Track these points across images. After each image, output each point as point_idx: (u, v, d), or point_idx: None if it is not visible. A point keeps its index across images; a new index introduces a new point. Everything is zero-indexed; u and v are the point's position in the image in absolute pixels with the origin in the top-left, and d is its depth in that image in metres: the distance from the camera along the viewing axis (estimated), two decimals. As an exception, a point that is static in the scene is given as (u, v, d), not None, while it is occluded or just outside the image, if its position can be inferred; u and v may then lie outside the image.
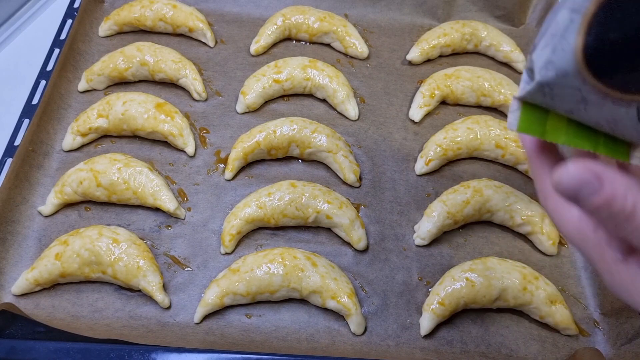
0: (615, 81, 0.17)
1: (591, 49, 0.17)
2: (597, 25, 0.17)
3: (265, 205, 0.39)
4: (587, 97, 0.18)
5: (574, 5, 0.17)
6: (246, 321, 0.36)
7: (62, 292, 0.37)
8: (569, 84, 0.18)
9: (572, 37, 0.17)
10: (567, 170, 0.17)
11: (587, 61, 0.17)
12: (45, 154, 0.43)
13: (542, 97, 0.18)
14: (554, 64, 0.18)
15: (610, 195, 0.16)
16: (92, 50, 0.50)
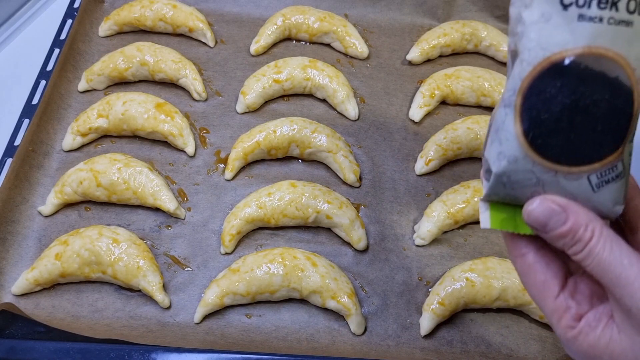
0: (559, 156, 0.19)
1: (530, 131, 0.19)
2: (528, 111, 0.19)
3: (265, 205, 0.39)
4: (541, 178, 0.20)
5: (505, 102, 0.20)
6: (246, 321, 0.36)
7: (62, 292, 0.37)
8: (521, 168, 0.20)
9: (512, 126, 0.19)
10: (537, 203, 0.19)
11: (530, 142, 0.19)
12: (45, 154, 0.43)
13: (503, 189, 0.20)
14: (504, 153, 0.20)
15: (574, 224, 0.19)
16: (92, 50, 0.50)
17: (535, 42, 0.18)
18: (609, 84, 0.18)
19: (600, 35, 0.18)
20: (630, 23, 0.18)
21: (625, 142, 0.19)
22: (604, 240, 0.19)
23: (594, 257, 0.19)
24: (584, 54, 0.18)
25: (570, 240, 0.19)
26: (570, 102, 0.18)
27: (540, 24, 0.18)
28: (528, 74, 0.19)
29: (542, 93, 0.19)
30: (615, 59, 0.18)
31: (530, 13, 0.19)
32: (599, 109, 0.18)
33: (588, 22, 0.18)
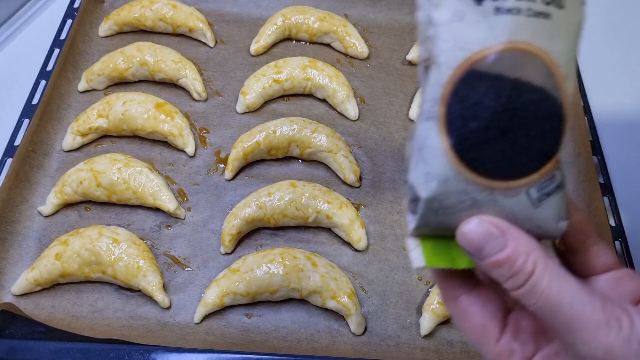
0: (494, 170, 0.17)
1: (459, 144, 0.16)
2: (454, 121, 0.16)
3: (265, 205, 0.39)
4: (477, 199, 0.17)
5: (426, 114, 0.17)
6: (246, 321, 0.36)
7: (62, 292, 0.37)
8: (453, 189, 0.17)
9: (437, 140, 0.17)
10: (474, 223, 0.17)
11: (460, 157, 0.16)
12: (45, 154, 0.43)
13: (435, 217, 0.17)
14: (432, 173, 0.17)
15: (513, 252, 0.16)
16: (92, 50, 0.50)
17: (451, 42, 0.16)
18: (537, 83, 0.16)
19: (521, 28, 0.16)
20: (548, 15, 0.16)
21: (560, 148, 0.17)
22: (549, 276, 0.16)
23: (539, 295, 0.16)
24: (507, 50, 0.16)
25: (507, 270, 0.16)
26: (499, 106, 0.16)
27: (454, 23, 0.16)
28: (449, 79, 0.16)
29: (467, 99, 0.16)
30: (539, 55, 0.16)
31: (442, 13, 0.16)
32: (529, 111, 0.16)
33: (506, 15, 0.16)
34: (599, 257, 0.19)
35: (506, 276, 0.16)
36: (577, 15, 0.17)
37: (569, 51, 0.17)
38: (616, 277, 0.19)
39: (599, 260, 0.19)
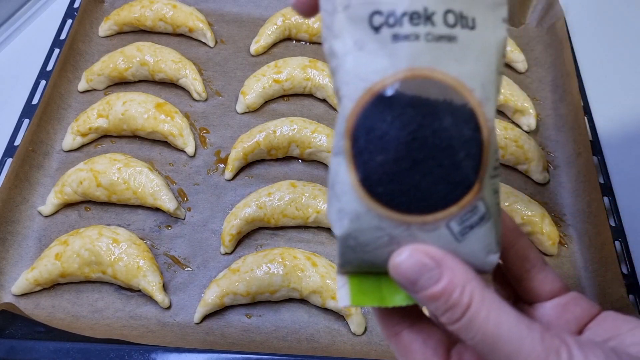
0: (407, 204, 0.15)
1: (367, 179, 0.15)
2: (360, 155, 0.15)
3: (265, 205, 0.39)
4: (393, 235, 0.16)
5: (335, 149, 0.16)
6: (246, 321, 0.36)
7: (62, 292, 0.37)
8: (367, 226, 0.16)
9: (346, 176, 0.16)
10: (406, 254, 0.15)
11: (369, 192, 0.15)
12: (45, 154, 0.43)
13: (354, 254, 0.16)
14: (344, 210, 0.16)
15: (448, 284, 0.15)
16: (92, 50, 0.50)
17: (352, 73, 0.15)
18: (446, 110, 0.15)
19: (421, 54, 0.15)
20: (453, 38, 0.15)
21: (481, 175, 0.16)
22: (487, 309, 0.15)
23: (476, 329, 0.15)
24: (408, 78, 0.15)
25: (443, 304, 0.15)
26: (406, 137, 0.15)
27: (355, 53, 0.15)
28: (351, 112, 0.15)
29: (372, 131, 0.15)
30: (446, 80, 0.15)
31: (342, 43, 0.16)
32: (440, 140, 0.15)
33: (404, 42, 0.15)
34: (545, 285, 0.18)
35: (442, 310, 0.15)
36: (495, 34, 0.16)
37: (485, 73, 0.16)
38: (562, 302, 0.18)
39: (545, 287, 0.18)
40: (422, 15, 0.15)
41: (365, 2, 0.15)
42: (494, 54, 0.16)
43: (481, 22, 0.16)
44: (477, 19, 0.16)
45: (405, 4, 0.15)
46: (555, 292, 0.19)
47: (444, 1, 0.15)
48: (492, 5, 0.16)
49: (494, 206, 0.16)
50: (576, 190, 0.44)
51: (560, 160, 0.46)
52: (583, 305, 0.18)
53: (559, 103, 0.49)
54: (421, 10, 0.15)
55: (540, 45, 0.54)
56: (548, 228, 0.41)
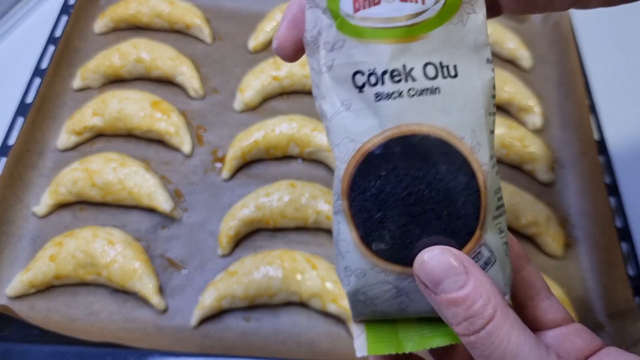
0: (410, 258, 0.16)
1: (368, 237, 0.16)
2: (358, 214, 0.16)
3: (264, 206, 0.38)
4: (400, 287, 0.16)
5: (335, 208, 0.17)
6: (244, 325, 0.36)
7: (57, 294, 0.36)
8: (373, 281, 0.16)
9: (348, 234, 0.16)
10: (436, 252, 0.15)
11: (372, 250, 0.16)
12: (40, 153, 0.42)
13: (365, 307, 0.17)
14: (350, 268, 0.16)
15: (473, 292, 0.15)
16: (87, 47, 0.49)
17: (342, 135, 0.16)
18: (438, 161, 0.15)
19: (407, 111, 0.15)
20: (435, 90, 0.15)
21: (481, 221, 0.16)
22: (510, 325, 0.14)
23: (496, 346, 0.14)
24: (396, 135, 0.15)
25: (463, 310, 0.14)
26: (402, 193, 0.15)
27: (343, 113, 0.16)
28: (345, 173, 0.16)
29: (367, 190, 0.16)
30: (434, 132, 0.15)
31: (330, 104, 0.16)
32: (437, 192, 0.15)
33: (387, 100, 0.15)
34: (549, 313, 0.18)
35: (461, 317, 0.15)
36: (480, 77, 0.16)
37: (473, 118, 0.16)
38: (564, 333, 0.18)
39: (548, 316, 0.18)
40: (402, 72, 0.15)
41: (347, 63, 0.16)
42: (480, 97, 0.16)
43: (463, 68, 0.16)
44: (459, 66, 0.16)
45: (384, 63, 0.15)
46: (558, 322, 0.18)
47: (422, 55, 0.15)
48: (474, 48, 0.16)
49: (499, 247, 0.16)
50: (582, 191, 0.43)
51: (565, 160, 0.45)
52: (585, 337, 0.18)
53: (565, 101, 0.48)
54: (400, 68, 0.15)
55: (546, 42, 0.53)
56: (554, 229, 0.40)
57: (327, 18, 0.16)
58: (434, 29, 0.15)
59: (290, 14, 0.18)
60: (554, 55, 0.51)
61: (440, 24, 0.15)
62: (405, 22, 0.15)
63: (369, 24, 0.15)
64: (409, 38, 0.15)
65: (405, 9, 0.15)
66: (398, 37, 0.15)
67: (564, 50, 0.50)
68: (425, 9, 0.15)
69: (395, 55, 0.15)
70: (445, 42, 0.15)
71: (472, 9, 0.16)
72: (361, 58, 0.15)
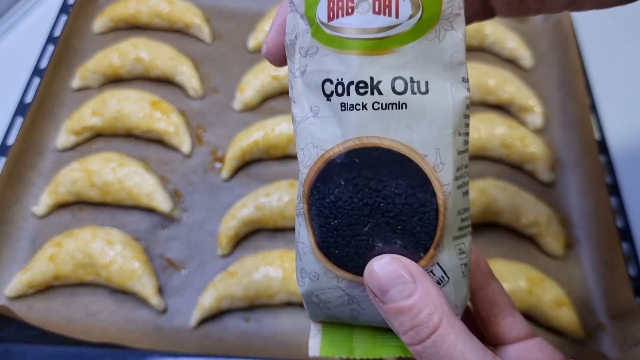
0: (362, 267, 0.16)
1: (323, 242, 0.16)
2: (316, 219, 0.16)
3: (264, 206, 0.38)
4: (352, 295, 0.16)
5: (297, 210, 0.17)
6: (244, 325, 0.35)
7: (56, 294, 0.36)
8: (326, 285, 0.16)
9: (306, 238, 0.16)
10: (385, 261, 0.15)
11: (326, 255, 0.16)
12: (39, 153, 0.42)
13: (319, 309, 0.17)
14: (305, 269, 0.17)
15: (420, 301, 0.15)
16: (86, 47, 0.49)
17: (307, 140, 0.16)
18: (397, 177, 0.15)
19: (370, 124, 0.15)
20: (403, 105, 0.15)
21: (436, 241, 0.16)
22: (455, 334, 0.14)
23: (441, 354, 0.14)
24: (357, 147, 0.15)
25: (410, 319, 0.15)
26: (358, 203, 0.15)
27: (310, 119, 0.16)
28: (306, 178, 0.16)
29: (325, 196, 0.16)
30: (396, 147, 0.15)
31: (300, 108, 0.16)
32: (393, 206, 0.15)
33: (351, 111, 0.15)
34: (511, 329, 0.19)
35: (408, 326, 0.15)
36: (453, 95, 0.16)
37: (439, 137, 0.15)
38: (525, 347, 0.18)
39: (511, 332, 0.19)
40: (369, 85, 0.15)
41: (319, 70, 0.16)
42: (450, 116, 0.15)
43: (435, 85, 0.15)
44: (431, 82, 0.15)
45: (351, 74, 0.15)
46: (520, 337, 0.19)
47: (392, 68, 0.15)
48: (449, 66, 0.16)
49: (456, 268, 0.16)
50: (583, 191, 0.43)
51: (566, 160, 0.45)
52: (545, 351, 0.18)
53: (566, 101, 0.48)
54: (367, 80, 0.15)
55: (547, 42, 0.52)
56: (554, 229, 0.40)
57: (304, 24, 0.16)
58: (406, 43, 0.15)
59: (279, 19, 0.17)
60: (555, 55, 0.51)
61: (414, 38, 0.15)
62: (376, 34, 0.15)
63: (342, 33, 0.15)
64: (380, 51, 0.15)
65: (377, 21, 0.15)
66: (368, 48, 0.15)
67: (565, 50, 0.50)
68: (399, 22, 0.15)
69: (364, 67, 0.15)
70: (419, 58, 0.15)
71: (451, 26, 0.15)
72: (332, 67, 0.15)
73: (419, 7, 0.15)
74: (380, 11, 0.15)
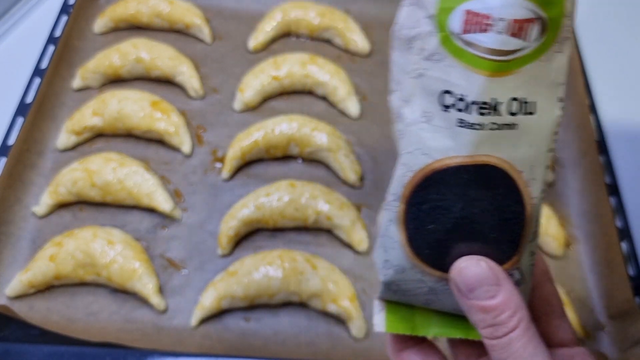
0: (449, 266, 0.17)
1: (415, 242, 0.17)
2: (412, 221, 0.17)
3: (264, 206, 0.38)
4: (433, 287, 0.18)
5: (388, 206, 0.18)
6: (244, 325, 0.35)
7: (56, 294, 0.36)
8: (410, 278, 0.18)
9: (396, 234, 0.18)
10: (474, 262, 0.17)
11: (416, 253, 0.17)
12: (39, 153, 0.42)
13: (394, 295, 0.18)
14: (390, 262, 0.18)
15: (502, 303, 0.16)
16: (87, 47, 0.49)
17: (415, 145, 0.17)
18: (497, 191, 0.16)
19: (483, 143, 0.16)
20: (513, 125, 0.16)
21: (520, 248, 0.17)
22: (528, 338, 0.16)
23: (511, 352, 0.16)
24: (467, 163, 0.16)
25: (491, 318, 0.16)
26: (456, 213, 0.17)
27: (421, 124, 0.16)
28: (409, 181, 0.17)
29: (426, 202, 0.17)
30: (500, 165, 0.16)
31: (411, 110, 0.17)
32: (488, 217, 0.17)
33: (469, 129, 0.16)
34: (559, 332, 0.19)
35: (488, 323, 0.16)
36: (551, 115, 0.17)
37: (536, 155, 0.17)
38: (569, 354, 0.19)
39: (557, 335, 0.19)
40: (490, 106, 0.16)
41: (439, 79, 0.16)
42: (547, 135, 0.17)
43: (541, 106, 0.16)
44: (538, 104, 0.16)
45: (476, 93, 0.16)
46: (565, 342, 0.19)
47: (510, 90, 0.16)
48: (552, 85, 0.17)
49: (528, 269, 0.18)
50: (582, 191, 0.43)
51: (566, 160, 0.45)
52: None
53: (565, 101, 0.48)
54: (490, 101, 0.16)
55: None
56: (554, 229, 0.40)
57: (430, 26, 0.16)
58: (525, 65, 0.16)
59: None
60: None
61: (532, 60, 0.16)
62: (507, 56, 0.15)
63: (474, 50, 0.15)
64: (505, 72, 0.16)
65: (510, 44, 0.15)
66: (496, 70, 0.15)
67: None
68: (527, 45, 0.15)
69: (489, 88, 0.16)
70: (532, 79, 0.16)
71: (561, 49, 0.16)
72: (456, 80, 0.16)
73: (545, 31, 0.15)
74: (515, 33, 0.15)
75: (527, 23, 0.15)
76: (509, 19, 0.15)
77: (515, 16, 0.15)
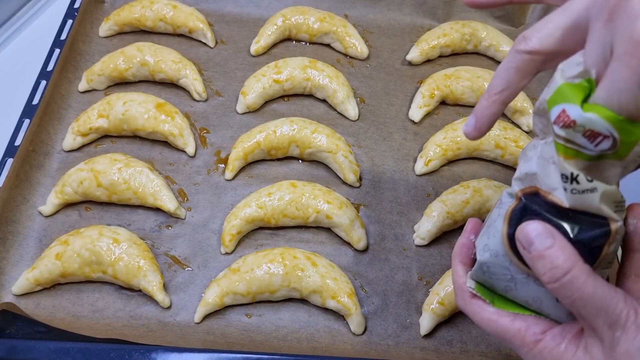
0: None
1: (513, 236, 0.22)
2: (515, 219, 0.22)
3: (266, 205, 0.39)
4: (515, 276, 0.23)
5: (504, 199, 0.23)
6: (246, 321, 0.36)
7: (62, 292, 0.37)
8: (500, 263, 0.23)
9: (501, 225, 0.23)
10: (534, 223, 0.21)
11: (510, 245, 0.22)
12: (46, 154, 0.43)
13: (482, 275, 0.24)
14: (489, 246, 0.23)
15: (556, 250, 0.20)
16: (92, 50, 0.50)
17: (534, 170, 0.22)
18: (590, 222, 0.21)
19: (577, 199, 0.21)
20: (594, 189, 0.20)
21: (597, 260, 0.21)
22: (586, 275, 0.19)
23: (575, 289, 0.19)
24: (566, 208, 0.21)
25: (548, 263, 0.20)
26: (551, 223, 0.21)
27: (545, 162, 0.21)
28: (521, 190, 0.22)
29: (527, 209, 0.22)
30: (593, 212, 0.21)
31: (537, 152, 0.22)
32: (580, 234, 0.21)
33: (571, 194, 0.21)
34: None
35: (547, 268, 0.20)
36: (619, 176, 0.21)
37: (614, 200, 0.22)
38: None
39: None
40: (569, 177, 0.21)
41: (560, 164, 0.20)
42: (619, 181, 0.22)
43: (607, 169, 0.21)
44: None
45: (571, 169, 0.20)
46: None
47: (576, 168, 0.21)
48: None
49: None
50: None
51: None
52: None
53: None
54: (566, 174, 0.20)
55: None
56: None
57: (551, 146, 0.21)
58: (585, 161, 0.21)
59: None
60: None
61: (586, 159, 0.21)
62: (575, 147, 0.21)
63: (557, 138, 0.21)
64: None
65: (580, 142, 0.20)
66: None
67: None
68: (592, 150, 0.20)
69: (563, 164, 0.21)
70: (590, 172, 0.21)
71: (621, 165, 0.21)
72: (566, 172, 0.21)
73: (615, 147, 0.20)
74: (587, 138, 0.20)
75: (600, 136, 0.19)
76: (588, 128, 0.19)
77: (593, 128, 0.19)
